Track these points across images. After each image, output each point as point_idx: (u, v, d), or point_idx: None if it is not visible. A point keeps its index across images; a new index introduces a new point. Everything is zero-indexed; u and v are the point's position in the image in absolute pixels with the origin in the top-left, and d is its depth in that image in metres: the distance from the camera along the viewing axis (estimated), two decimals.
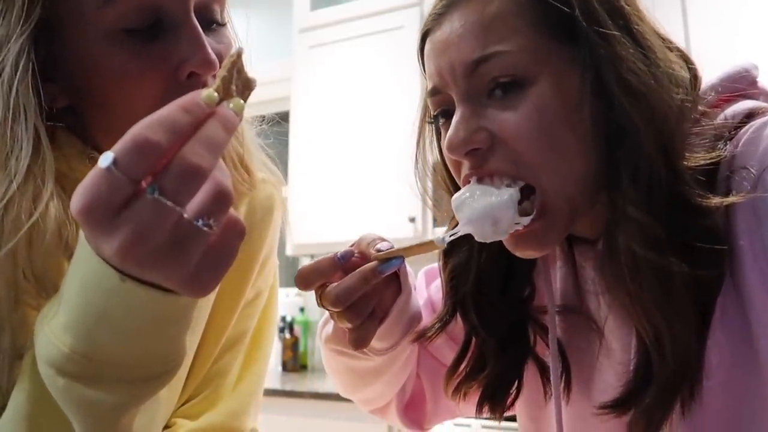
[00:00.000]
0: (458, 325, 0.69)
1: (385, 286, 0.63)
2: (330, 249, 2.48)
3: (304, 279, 0.60)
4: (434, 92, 0.60)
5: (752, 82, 0.59)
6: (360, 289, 0.58)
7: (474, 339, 0.67)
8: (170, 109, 0.38)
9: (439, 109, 0.61)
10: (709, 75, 0.59)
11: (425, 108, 0.67)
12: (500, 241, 0.59)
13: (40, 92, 0.51)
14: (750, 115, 0.55)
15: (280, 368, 2.94)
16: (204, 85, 0.54)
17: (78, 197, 0.37)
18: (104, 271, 0.39)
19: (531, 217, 0.56)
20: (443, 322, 0.68)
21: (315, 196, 2.75)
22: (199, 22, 0.54)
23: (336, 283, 0.59)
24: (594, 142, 0.54)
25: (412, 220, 2.53)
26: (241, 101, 0.41)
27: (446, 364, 0.71)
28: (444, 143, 0.57)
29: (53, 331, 0.41)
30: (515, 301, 0.67)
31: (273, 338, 0.76)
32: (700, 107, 0.56)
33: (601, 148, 0.54)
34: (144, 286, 0.39)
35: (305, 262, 3.09)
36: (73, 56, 0.53)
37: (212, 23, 0.57)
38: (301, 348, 3.00)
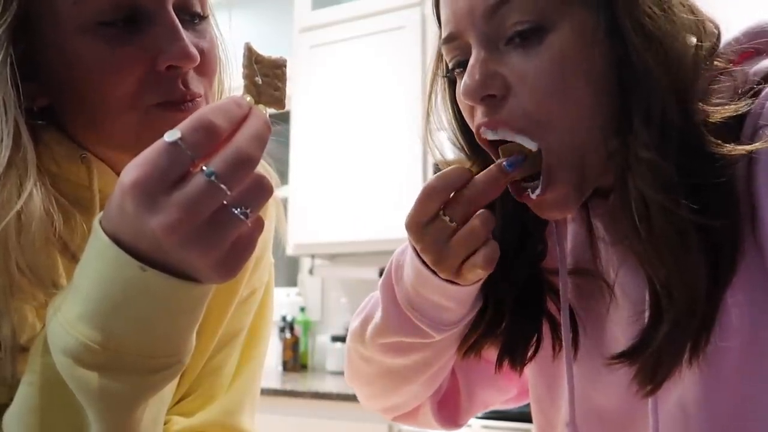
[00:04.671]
0: None
1: None
2: (330, 249, 2.48)
3: (433, 192, 0.57)
4: (450, 39, 0.58)
5: None
6: (492, 190, 0.57)
7: (489, 296, 0.66)
8: (226, 102, 0.41)
9: (455, 57, 0.59)
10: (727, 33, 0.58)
11: (438, 60, 0.66)
12: (515, 199, 0.59)
13: (19, 86, 0.51)
14: None
15: (280, 368, 2.94)
16: (183, 78, 0.54)
17: (134, 168, 0.38)
18: (123, 260, 0.40)
19: (538, 190, 0.55)
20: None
21: (315, 196, 2.75)
22: (179, 17, 0.54)
23: (465, 189, 0.57)
24: (607, 88, 0.54)
25: None
26: (263, 106, 0.44)
27: (488, 357, 0.70)
28: (459, 89, 0.56)
29: (68, 321, 0.42)
30: (530, 258, 0.66)
31: (269, 336, 0.76)
32: (719, 63, 0.55)
33: (613, 95, 0.54)
34: (164, 275, 0.40)
35: (305, 261, 3.10)
36: (50, 52, 0.53)
37: (194, 17, 0.57)
38: (302, 348, 3.00)
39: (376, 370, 0.74)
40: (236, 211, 0.39)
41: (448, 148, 0.70)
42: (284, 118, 2.80)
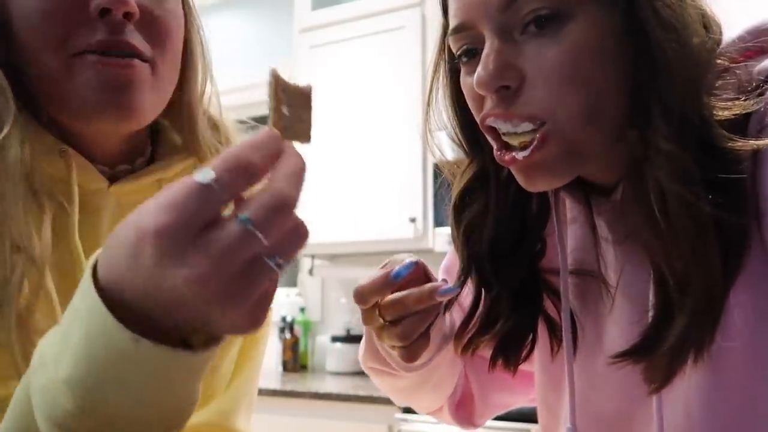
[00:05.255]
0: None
1: None
2: (330, 249, 2.47)
3: (361, 297, 0.61)
4: (460, 28, 0.56)
5: None
6: (419, 307, 0.60)
7: (485, 294, 0.67)
8: (262, 137, 0.37)
9: (463, 46, 0.57)
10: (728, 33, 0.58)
11: (440, 51, 0.65)
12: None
13: None
14: None
15: (280, 368, 2.94)
16: (117, 24, 0.54)
17: (158, 212, 0.33)
18: (115, 330, 0.35)
19: (527, 151, 0.54)
20: (462, 280, 0.67)
21: (315, 196, 2.75)
22: None
23: (399, 293, 0.61)
24: (623, 80, 0.53)
25: (413, 220, 2.53)
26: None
27: (485, 355, 0.71)
28: (473, 78, 0.54)
29: (54, 383, 0.37)
30: (528, 256, 0.66)
31: (267, 337, 0.76)
32: (722, 60, 0.55)
33: (629, 87, 0.53)
34: (161, 347, 0.35)
35: (306, 261, 3.10)
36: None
37: None
38: (301, 348, 3.00)
39: (381, 383, 0.77)
40: (270, 262, 0.35)
41: (447, 147, 0.70)
42: None
